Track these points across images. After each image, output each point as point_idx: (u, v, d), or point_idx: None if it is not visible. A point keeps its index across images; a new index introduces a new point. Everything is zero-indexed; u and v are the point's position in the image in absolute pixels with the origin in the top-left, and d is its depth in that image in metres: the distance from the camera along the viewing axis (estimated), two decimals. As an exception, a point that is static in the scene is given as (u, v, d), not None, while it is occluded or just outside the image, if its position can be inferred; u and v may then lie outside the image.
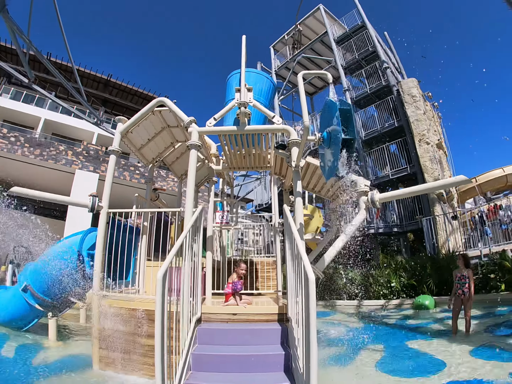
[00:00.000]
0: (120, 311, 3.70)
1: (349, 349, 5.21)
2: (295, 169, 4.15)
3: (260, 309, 3.77)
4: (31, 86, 9.69)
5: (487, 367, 3.93)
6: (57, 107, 21.85)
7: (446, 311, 7.77)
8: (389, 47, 20.48)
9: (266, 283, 6.53)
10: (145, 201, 6.18)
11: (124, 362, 3.52)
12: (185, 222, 3.82)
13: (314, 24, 20.96)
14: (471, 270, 5.86)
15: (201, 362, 2.97)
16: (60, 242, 5.19)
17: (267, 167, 6.01)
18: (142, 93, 25.97)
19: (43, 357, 4.52)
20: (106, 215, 4.44)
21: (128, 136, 5.25)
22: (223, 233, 7.77)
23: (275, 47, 23.42)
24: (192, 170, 4.17)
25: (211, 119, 4.47)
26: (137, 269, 5.09)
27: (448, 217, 12.46)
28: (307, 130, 3.32)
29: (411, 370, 4.13)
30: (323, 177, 5.50)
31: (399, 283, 9.92)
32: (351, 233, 3.97)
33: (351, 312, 9.53)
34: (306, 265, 2.19)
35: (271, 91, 5.57)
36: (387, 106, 15.89)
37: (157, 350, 2.08)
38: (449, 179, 3.40)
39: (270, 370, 2.94)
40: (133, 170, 18.09)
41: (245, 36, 4.92)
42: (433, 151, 13.88)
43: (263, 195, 21.45)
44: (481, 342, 5.04)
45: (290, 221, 3.26)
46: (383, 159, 15.52)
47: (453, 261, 9.35)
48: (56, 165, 15.76)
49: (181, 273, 3.06)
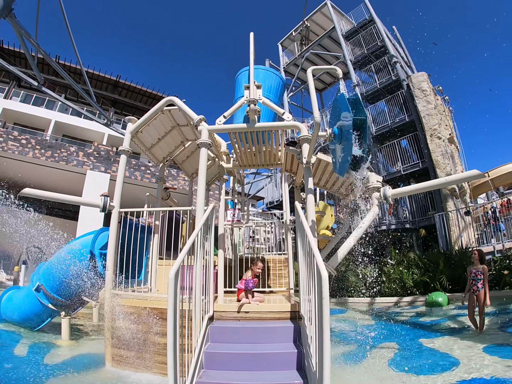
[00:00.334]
0: (133, 310, 3.73)
1: (362, 347, 5.16)
2: (306, 166, 4.11)
3: (272, 307, 3.75)
4: (40, 89, 9.81)
5: (501, 365, 3.85)
6: (67, 109, 22.14)
7: (460, 308, 7.65)
8: (398, 42, 20.20)
9: (278, 281, 6.51)
10: (157, 200, 6.21)
11: (137, 360, 3.55)
12: (196, 220, 3.83)
13: (321, 19, 20.77)
14: (486, 266, 5.75)
15: (214, 360, 2.97)
16: (72, 242, 5.25)
17: (277, 164, 5.98)
18: (151, 93, 26.13)
19: (56, 356, 4.57)
20: (117, 214, 4.48)
21: (138, 135, 5.28)
22: (234, 231, 7.79)
23: (283, 43, 23.29)
24: (202, 169, 4.17)
25: (221, 117, 4.47)
26: (149, 268, 5.13)
27: (461, 212, 12.24)
28: (318, 126, 3.28)
29: (425, 367, 4.08)
30: (335, 173, 5.48)
31: (412, 280, 9.79)
32: (363, 229, 3.92)
33: (364, 309, 9.45)
34: (319, 262, 2.16)
35: (280, 88, 5.53)
36: (397, 101, 15.67)
37: (169, 348, 2.08)
38: (462, 174, 3.33)
39: (282, 368, 2.93)
40: (144, 169, 18.25)
41: (253, 33, 4.89)
42: (444, 146, 13.64)
43: (274, 192, 21.44)
44: (495, 339, 4.96)
45: (302, 218, 3.23)
46: (394, 155, 15.33)
47: (466, 257, 9.19)
48: (67, 166, 15.99)
49: (193, 271, 3.06)
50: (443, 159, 13.24)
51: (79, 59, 10.17)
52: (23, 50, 8.63)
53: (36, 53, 9.27)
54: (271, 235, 15.05)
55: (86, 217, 14.71)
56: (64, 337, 5.32)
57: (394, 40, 19.41)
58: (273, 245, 12.51)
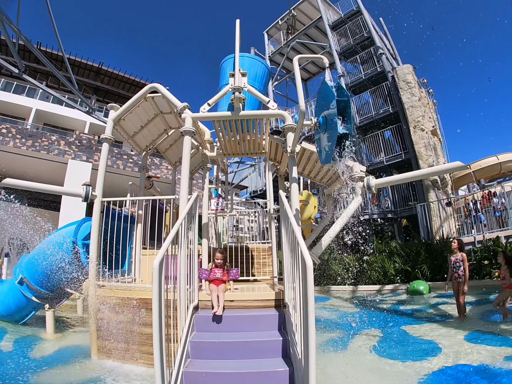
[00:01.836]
0: (117, 301, 3.68)
1: (345, 334, 5.26)
2: (291, 155, 4.10)
3: (257, 295, 3.76)
4: (21, 76, 9.50)
5: (482, 351, 3.98)
6: (48, 96, 21.49)
7: (441, 296, 7.89)
8: (384, 33, 20.26)
9: (262, 269, 6.54)
10: (140, 189, 6.11)
11: (123, 351, 3.52)
12: (180, 209, 3.78)
13: (308, 9, 20.62)
14: (465, 254, 5.94)
15: (200, 350, 2.96)
16: (54, 233, 5.13)
17: (262, 153, 5.95)
18: (134, 81, 25.54)
19: (41, 350, 4.50)
20: (100, 204, 4.38)
21: (120, 123, 5.16)
22: (218, 220, 7.75)
23: (269, 32, 23.06)
24: (186, 157, 4.10)
25: (205, 105, 4.38)
26: (133, 258, 5.06)
27: (442, 203, 12.54)
28: (303, 114, 3.26)
29: (408, 354, 4.17)
30: (319, 162, 5.50)
31: (393, 269, 10.02)
32: (347, 218, 3.97)
33: (346, 297, 9.63)
34: (303, 251, 2.17)
35: (266, 76, 5.47)
36: (381, 92, 15.82)
37: (155, 339, 2.05)
38: (445, 165, 3.38)
39: (268, 356, 2.94)
40: (127, 158, 17.87)
41: (239, 20, 4.80)
42: (427, 138, 13.88)
43: (258, 181, 21.42)
44: (475, 327, 5.12)
45: (286, 207, 3.22)
46: (377, 145, 15.53)
47: (447, 247, 9.45)
48: (48, 156, 15.54)
49: (177, 261, 3.03)
50: (425, 151, 13.47)
51: (60, 45, 9.84)
52: (4, 36, 8.30)
53: (17, 40, 8.91)
54: (254, 224, 15.11)
55: (68, 207, 14.38)
56: (49, 330, 5.23)
57: (381, 32, 19.46)
58: (256, 234, 12.57)
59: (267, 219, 9.62)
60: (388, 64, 16.09)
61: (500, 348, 4.02)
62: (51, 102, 21.90)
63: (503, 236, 9.35)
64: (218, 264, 3.89)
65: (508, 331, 4.76)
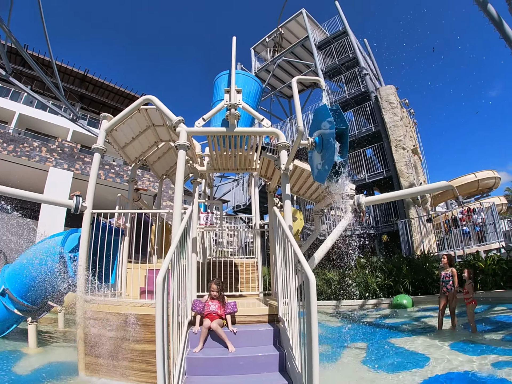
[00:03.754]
0: (107, 316, 3.59)
1: (334, 348, 5.30)
2: (284, 172, 4.18)
3: (250, 311, 3.77)
4: (8, 79, 9.28)
5: (468, 360, 4.14)
6: (32, 101, 20.98)
7: (424, 310, 8.08)
8: (368, 54, 21.02)
9: (247, 285, 6.51)
10: (128, 201, 6.04)
11: (113, 368, 3.41)
12: (174, 224, 3.74)
13: (295, 28, 21.22)
14: (454, 269, 6.18)
15: (196, 366, 2.93)
16: (39, 244, 4.98)
17: (252, 169, 6.01)
18: (119, 90, 25.32)
19: (25, 365, 4.29)
20: (90, 215, 4.30)
21: (112, 134, 5.12)
22: (204, 234, 7.71)
23: (256, 49, 23.52)
24: (180, 172, 4.10)
25: (200, 120, 4.41)
26: (119, 271, 4.96)
27: (423, 219, 12.93)
28: (300, 134, 3.36)
29: (397, 366, 4.27)
30: (309, 180, 5.61)
31: (376, 284, 10.18)
32: (338, 234, 4.07)
33: (330, 312, 9.69)
34: (305, 267, 2.22)
35: (259, 94, 5.58)
36: (364, 112, 16.31)
37: (158, 356, 2.00)
38: (432, 185, 3.54)
39: (265, 370, 2.95)
40: (108, 168, 17.57)
41: (235, 38, 4.93)
42: (408, 156, 14.37)
43: (241, 196, 21.47)
44: (460, 337, 5.33)
45: (283, 223, 3.27)
46: (359, 163, 15.94)
47: (428, 262, 9.74)
48: (29, 162, 15.14)
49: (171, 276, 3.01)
50: (406, 169, 13.93)
51: (50, 50, 9.68)
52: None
53: (6, 41, 8.73)
54: (233, 238, 15.08)
55: (47, 216, 13.96)
56: (31, 345, 4.99)
57: (365, 53, 20.19)
58: (237, 248, 12.55)
59: (251, 234, 9.62)
60: (372, 84, 16.68)
61: (485, 356, 4.19)
62: (35, 107, 21.37)
63: (483, 251, 9.74)
64: (214, 296, 3.63)
65: (491, 340, 5.01)
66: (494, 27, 8.25)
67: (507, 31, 8.02)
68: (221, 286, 3.71)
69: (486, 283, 8.24)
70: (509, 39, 7.98)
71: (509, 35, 7.99)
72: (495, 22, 8.22)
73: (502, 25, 8.11)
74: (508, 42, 8.01)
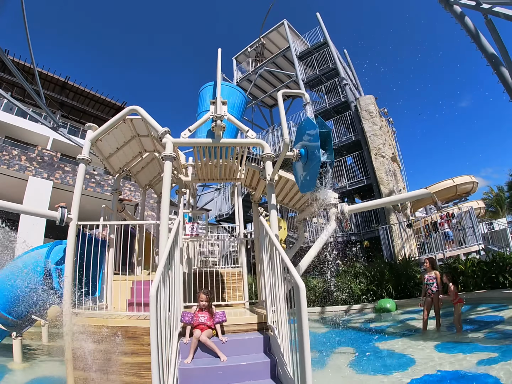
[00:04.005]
0: (94, 329, 3.55)
1: (321, 353, 5.39)
2: (270, 183, 4.27)
3: (239, 320, 3.81)
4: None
5: (453, 359, 4.30)
6: (11, 108, 20.32)
7: (407, 313, 8.28)
8: (348, 65, 21.60)
9: (233, 294, 6.52)
10: (112, 212, 5.98)
11: (102, 382, 3.38)
12: (161, 236, 3.76)
13: (277, 38, 21.62)
14: (438, 271, 6.41)
15: (188, 376, 2.94)
16: (22, 256, 4.86)
17: (236, 178, 6.09)
18: (100, 98, 24.91)
19: (10, 381, 4.19)
20: (75, 227, 4.26)
21: (97, 144, 5.09)
22: (189, 244, 7.69)
23: (238, 58, 23.79)
24: (167, 183, 4.11)
25: (186, 131, 4.46)
26: (104, 283, 4.90)
27: (403, 225, 13.30)
28: (286, 146, 3.48)
29: (384, 367, 4.39)
30: (293, 189, 5.73)
31: (359, 289, 10.37)
32: (322, 243, 4.20)
33: (315, 318, 9.77)
34: (294, 275, 2.31)
35: (243, 105, 5.70)
36: (344, 121, 16.71)
37: (154, 369, 2.01)
38: (413, 192, 3.73)
39: (257, 377, 3.00)
40: (89, 178, 17.19)
41: (220, 50, 5.04)
42: (388, 164, 14.79)
43: (223, 205, 21.44)
44: (444, 338, 5.51)
45: (270, 233, 3.36)
46: (340, 171, 16.27)
47: (410, 266, 10.02)
48: (8, 171, 14.67)
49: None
50: (386, 176, 14.33)
51: (32, 57, 9.53)
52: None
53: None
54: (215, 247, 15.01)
55: (26, 227, 13.54)
56: (17, 360, 4.84)
57: (345, 63, 20.73)
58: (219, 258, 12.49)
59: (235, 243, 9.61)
60: (352, 94, 17.14)
61: (470, 355, 4.34)
62: (15, 115, 20.74)
63: (462, 254, 10.10)
64: (202, 306, 3.61)
65: (474, 339, 5.20)
66: (471, 38, 8.71)
67: (483, 43, 8.47)
68: (209, 296, 3.73)
69: (467, 284, 8.50)
70: (485, 50, 8.41)
71: (485, 47, 8.43)
72: (471, 34, 8.69)
73: (479, 37, 8.57)
74: (484, 53, 8.45)
